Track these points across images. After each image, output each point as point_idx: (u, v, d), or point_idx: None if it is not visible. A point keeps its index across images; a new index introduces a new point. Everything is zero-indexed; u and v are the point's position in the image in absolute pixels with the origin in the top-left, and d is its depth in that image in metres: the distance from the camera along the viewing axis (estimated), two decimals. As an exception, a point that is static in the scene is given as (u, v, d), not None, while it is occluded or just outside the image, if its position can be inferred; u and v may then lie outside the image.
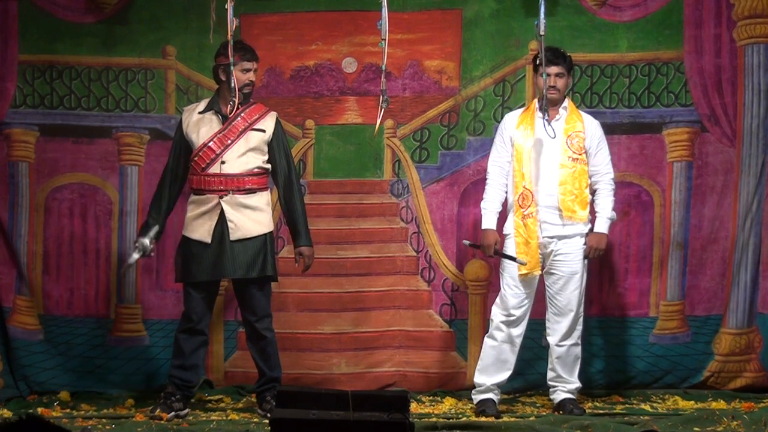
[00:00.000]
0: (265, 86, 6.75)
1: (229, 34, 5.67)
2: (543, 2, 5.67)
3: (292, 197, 6.05)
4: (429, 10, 6.75)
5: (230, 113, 5.92)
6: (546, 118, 5.87)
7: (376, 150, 6.80)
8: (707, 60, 6.68)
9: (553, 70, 5.94)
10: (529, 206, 5.97)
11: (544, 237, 5.99)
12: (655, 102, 6.74)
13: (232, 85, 5.77)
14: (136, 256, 5.98)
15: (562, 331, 6.03)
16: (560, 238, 6.01)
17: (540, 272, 6.00)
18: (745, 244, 6.67)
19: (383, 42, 5.45)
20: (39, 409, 6.08)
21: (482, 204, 6.15)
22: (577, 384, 6.11)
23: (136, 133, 6.77)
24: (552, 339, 6.07)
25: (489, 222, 6.10)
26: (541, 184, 5.99)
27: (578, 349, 6.10)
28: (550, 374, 6.12)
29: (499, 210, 6.11)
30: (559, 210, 5.99)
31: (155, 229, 6.01)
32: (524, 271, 5.96)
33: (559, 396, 6.10)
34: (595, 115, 6.54)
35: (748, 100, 6.66)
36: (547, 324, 6.09)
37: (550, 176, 5.99)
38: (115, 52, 6.75)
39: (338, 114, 6.81)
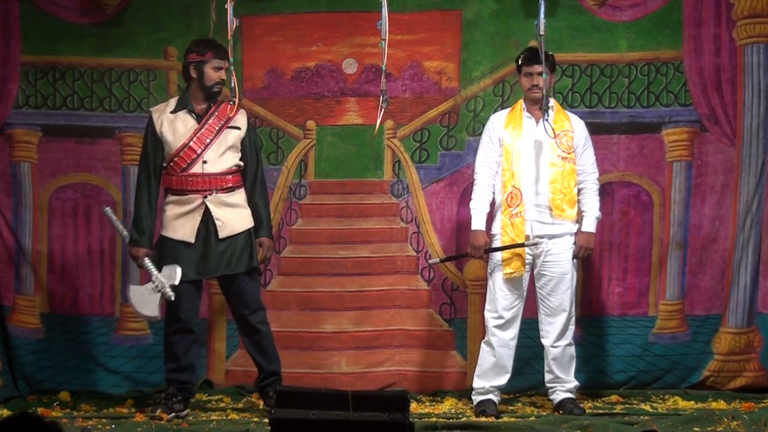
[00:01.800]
0: (266, 87, 6.77)
1: (229, 34, 5.65)
2: (543, 2, 5.64)
3: (256, 194, 6.04)
4: (429, 11, 6.76)
5: (230, 113, 5.92)
6: (546, 118, 5.86)
7: (377, 150, 6.81)
8: (707, 60, 6.68)
9: (536, 69, 5.95)
10: (517, 206, 5.97)
11: (534, 237, 6.00)
12: (654, 102, 6.74)
13: (232, 85, 5.71)
14: (170, 292, 5.84)
15: (556, 332, 6.03)
16: (550, 237, 6.01)
17: (524, 272, 5.99)
18: (745, 243, 6.67)
19: (383, 42, 5.44)
20: (39, 409, 6.10)
21: (471, 204, 6.14)
22: (575, 383, 6.11)
23: (138, 133, 6.77)
24: (546, 341, 6.06)
25: (479, 223, 6.09)
26: (531, 183, 5.98)
27: (572, 349, 6.10)
28: (547, 376, 6.12)
29: (488, 210, 6.10)
30: (550, 209, 5.99)
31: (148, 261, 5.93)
32: (510, 270, 5.97)
33: (558, 396, 6.10)
34: (594, 114, 6.55)
35: (747, 100, 6.65)
36: (540, 326, 6.08)
37: (541, 175, 5.98)
38: (117, 53, 6.77)
39: (339, 115, 6.82)
